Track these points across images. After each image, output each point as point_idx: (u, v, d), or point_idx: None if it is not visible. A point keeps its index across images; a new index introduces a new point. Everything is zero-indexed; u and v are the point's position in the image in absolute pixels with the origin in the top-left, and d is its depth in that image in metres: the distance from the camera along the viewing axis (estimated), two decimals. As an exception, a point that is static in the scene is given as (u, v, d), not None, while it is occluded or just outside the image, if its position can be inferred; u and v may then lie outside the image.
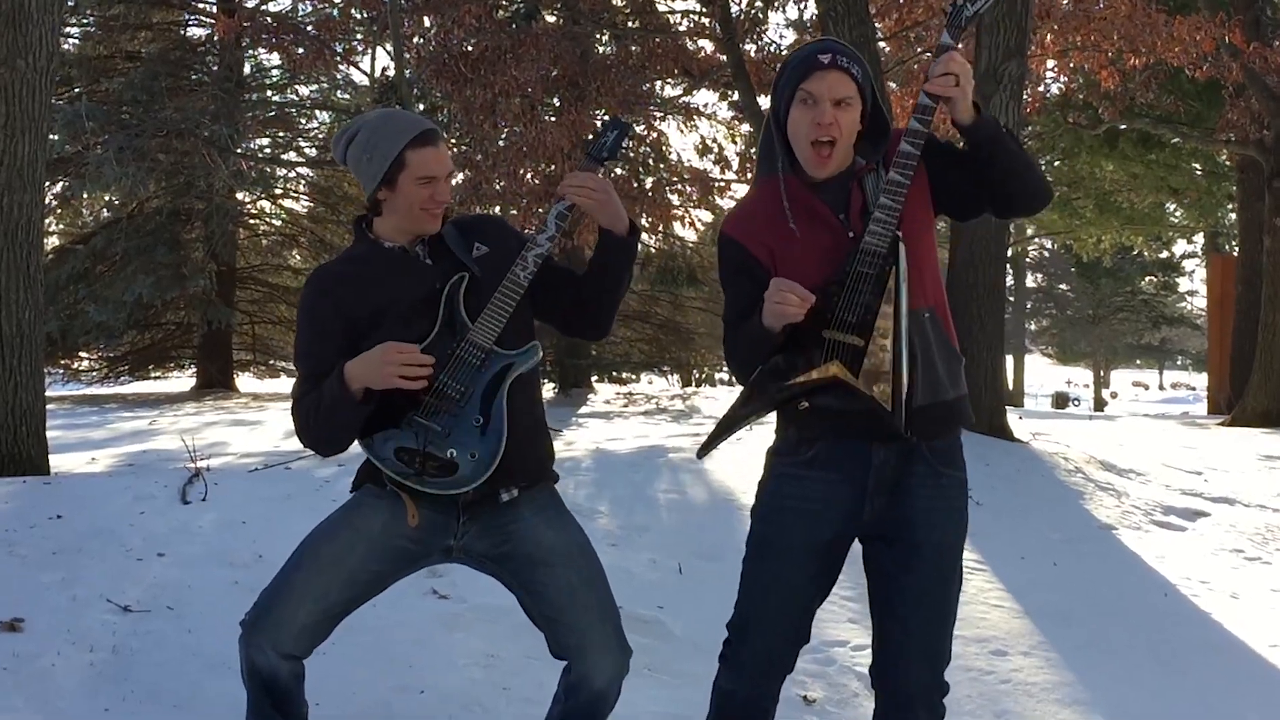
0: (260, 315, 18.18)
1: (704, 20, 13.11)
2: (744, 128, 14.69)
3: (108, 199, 16.41)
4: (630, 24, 13.48)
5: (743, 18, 12.34)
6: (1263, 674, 3.97)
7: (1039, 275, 39.95)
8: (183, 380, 17.99)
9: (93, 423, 10.73)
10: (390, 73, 14.09)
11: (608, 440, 7.78)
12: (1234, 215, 19.50)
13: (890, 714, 2.37)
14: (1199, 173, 18.14)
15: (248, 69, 16.99)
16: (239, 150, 15.04)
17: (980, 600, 4.45)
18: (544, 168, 11.85)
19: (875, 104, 2.30)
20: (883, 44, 12.04)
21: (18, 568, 3.88)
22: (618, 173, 13.84)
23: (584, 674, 2.38)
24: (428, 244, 2.45)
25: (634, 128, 3.53)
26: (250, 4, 15.66)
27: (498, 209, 12.12)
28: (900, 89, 12.76)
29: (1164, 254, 31.21)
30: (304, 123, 17.61)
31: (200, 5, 16.76)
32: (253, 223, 18.03)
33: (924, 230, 2.30)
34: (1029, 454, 7.58)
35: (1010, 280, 25.23)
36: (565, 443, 7.33)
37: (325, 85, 17.30)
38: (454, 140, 13.01)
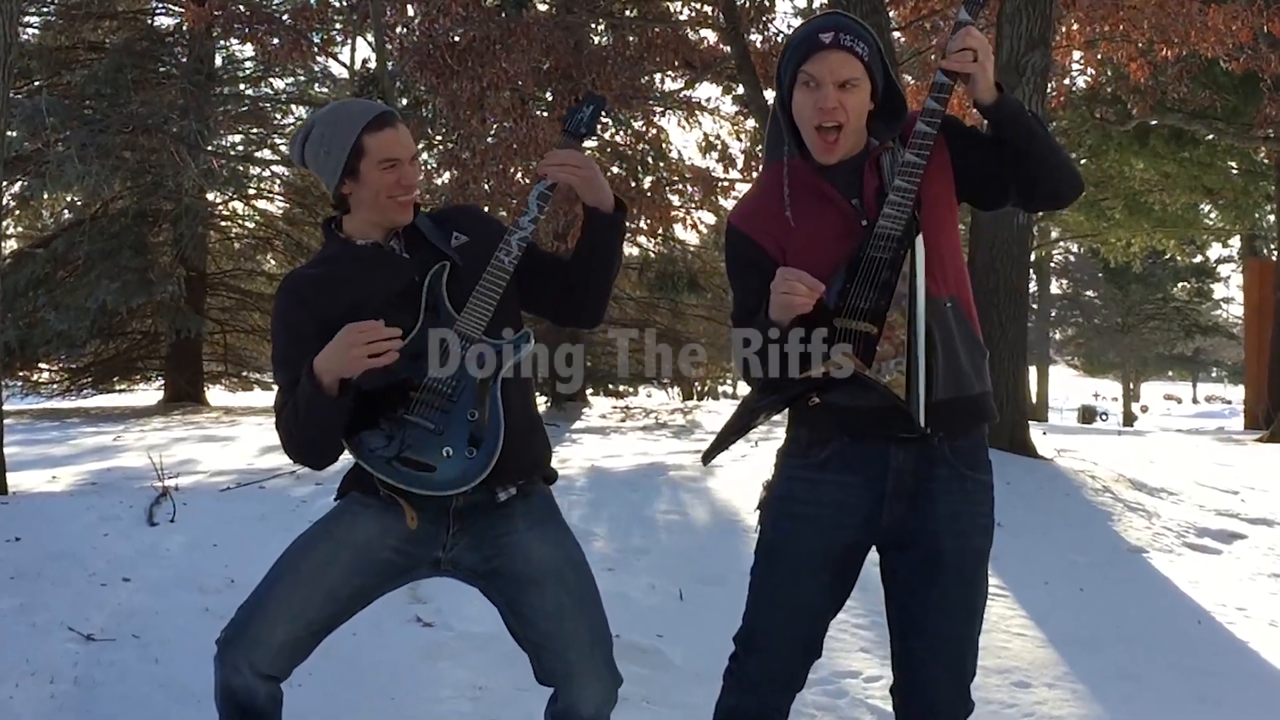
0: (232, 324, 18.13)
1: (706, 9, 13.14)
2: (749, 123, 14.69)
3: (69, 199, 16.40)
4: (628, 13, 13.50)
5: (748, 6, 12.34)
6: (1303, 706, 3.97)
7: (1064, 281, 40.00)
8: (149, 393, 17.95)
9: (53, 438, 10.70)
10: (371, 65, 14.12)
11: (604, 457, 7.79)
12: (1272, 217, 19.56)
13: None
14: (1235, 171, 18.18)
15: (219, 61, 17.00)
16: (210, 147, 15.02)
17: (1001, 628, 4.44)
18: (535, 166, 11.84)
19: (888, 80, 2.28)
20: (897, 34, 12.07)
21: (-27, 593, 3.87)
22: (614, 171, 13.86)
23: (570, 703, 2.38)
24: (402, 237, 2.45)
25: (607, 100, 3.54)
26: (222, -9, 15.70)
27: (486, 210, 12.12)
28: (916, 81, 12.79)
29: (1198, 258, 31.17)
30: (279, 118, 17.56)
31: (168, -8, 16.81)
32: (224, 225, 17.99)
33: (946, 214, 2.29)
34: (1053, 471, 7.58)
35: (1033, 286, 25.24)
36: (559, 460, 7.32)
37: (302, 78, 17.26)
38: (440, 137, 13.02)
